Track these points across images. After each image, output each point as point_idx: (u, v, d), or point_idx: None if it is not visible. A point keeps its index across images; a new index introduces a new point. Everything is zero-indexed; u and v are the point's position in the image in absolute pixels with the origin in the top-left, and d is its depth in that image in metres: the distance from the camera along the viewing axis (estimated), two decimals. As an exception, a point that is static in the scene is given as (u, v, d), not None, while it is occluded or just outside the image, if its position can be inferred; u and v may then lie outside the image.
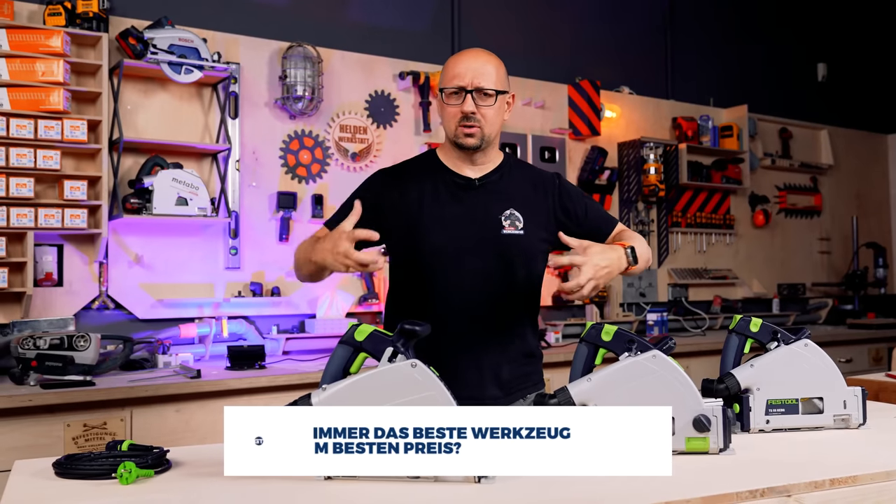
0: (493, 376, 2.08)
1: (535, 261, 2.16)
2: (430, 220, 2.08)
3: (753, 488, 1.37)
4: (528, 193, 2.17)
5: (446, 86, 2.08)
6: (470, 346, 2.05)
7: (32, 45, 3.37)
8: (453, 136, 2.10)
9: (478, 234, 2.08)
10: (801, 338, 1.88)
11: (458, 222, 2.09)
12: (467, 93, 2.05)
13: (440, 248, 2.07)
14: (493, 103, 2.07)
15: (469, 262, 2.07)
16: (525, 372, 2.16)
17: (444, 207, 2.10)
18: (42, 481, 1.47)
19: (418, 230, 2.08)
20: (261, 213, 4.05)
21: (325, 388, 1.48)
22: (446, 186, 2.13)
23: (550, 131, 5.02)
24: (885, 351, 5.49)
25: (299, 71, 4.04)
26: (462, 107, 2.05)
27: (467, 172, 2.14)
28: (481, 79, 2.05)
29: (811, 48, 6.69)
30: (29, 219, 3.28)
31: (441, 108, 2.13)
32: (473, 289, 2.05)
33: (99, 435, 2.92)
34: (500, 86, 2.09)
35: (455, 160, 2.15)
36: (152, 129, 3.77)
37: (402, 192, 2.12)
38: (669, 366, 1.63)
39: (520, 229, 2.10)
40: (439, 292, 2.06)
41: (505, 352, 2.10)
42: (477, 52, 2.13)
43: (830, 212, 6.55)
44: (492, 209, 2.11)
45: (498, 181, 2.15)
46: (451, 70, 2.08)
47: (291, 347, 3.95)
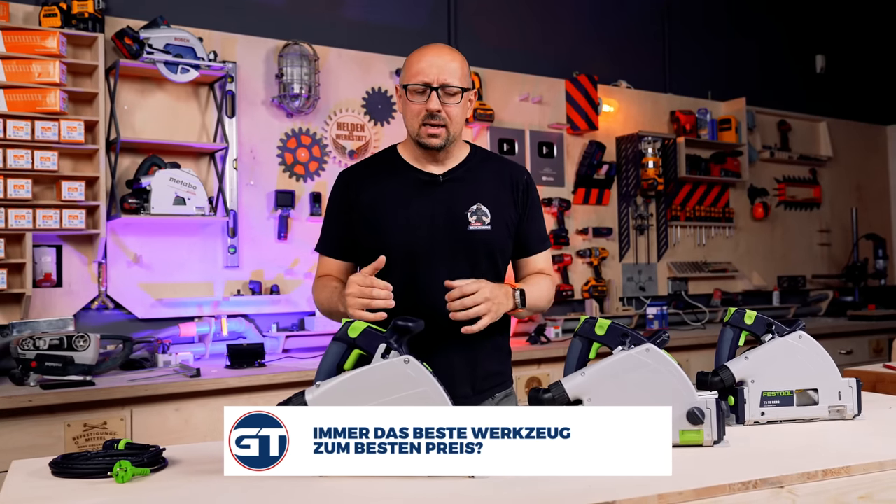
0: (464, 375, 2.03)
1: (503, 255, 2.13)
2: (394, 219, 2.04)
3: (746, 480, 1.38)
4: (495, 186, 2.11)
5: (410, 82, 2.01)
6: (439, 345, 1.97)
7: (28, 46, 3.37)
8: (416, 135, 2.04)
9: (444, 231, 2.04)
10: (795, 330, 1.88)
11: (423, 221, 2.04)
12: (433, 90, 1.99)
13: (406, 247, 2.02)
14: (458, 101, 2.02)
15: (436, 261, 2.02)
16: (496, 370, 2.13)
17: (409, 206, 2.05)
18: (38, 481, 1.48)
19: (383, 230, 2.04)
20: (259, 211, 4.05)
21: (318, 384, 1.49)
22: (410, 184, 2.08)
23: (548, 126, 5.02)
24: (886, 342, 5.49)
25: (296, 69, 4.04)
26: (427, 104, 2.00)
27: (431, 169, 2.09)
28: (447, 75, 1.99)
29: (809, 40, 6.68)
30: (27, 220, 3.29)
31: (404, 105, 2.07)
32: (441, 288, 1.95)
33: (99, 434, 2.93)
34: (465, 83, 2.03)
35: (418, 157, 2.10)
36: (149, 129, 3.78)
37: (366, 191, 2.08)
38: (663, 359, 1.64)
39: (486, 224, 2.06)
40: (407, 293, 1.97)
41: (475, 350, 2.04)
42: (440, 47, 2.07)
43: (830, 204, 6.55)
44: (457, 205, 2.06)
45: (463, 176, 2.10)
46: (414, 66, 2.02)
47: (291, 345, 3.95)
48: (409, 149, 2.13)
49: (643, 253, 5.40)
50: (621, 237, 5.31)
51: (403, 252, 2.02)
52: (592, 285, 5.03)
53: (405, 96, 2.04)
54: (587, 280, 5.06)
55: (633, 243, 5.35)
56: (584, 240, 5.14)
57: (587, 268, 5.12)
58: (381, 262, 1.89)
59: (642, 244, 5.40)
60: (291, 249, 4.10)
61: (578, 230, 5.11)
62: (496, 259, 2.10)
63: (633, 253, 5.35)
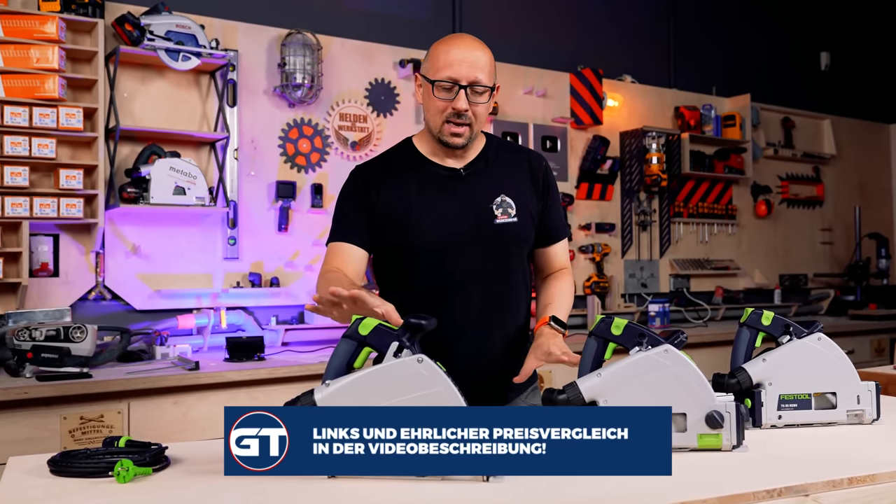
0: (503, 377, 1.98)
1: (529, 246, 2.09)
2: (419, 216, 1.96)
3: (770, 487, 1.34)
4: (516, 177, 2.05)
5: (438, 77, 1.91)
6: (472, 342, 1.96)
7: (27, 31, 3.31)
8: (438, 132, 1.95)
9: (471, 226, 1.97)
10: (813, 331, 1.84)
11: (449, 216, 1.97)
12: (461, 88, 1.90)
13: (435, 245, 1.95)
14: (486, 100, 1.94)
15: (465, 257, 1.96)
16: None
17: (434, 203, 1.98)
18: (37, 479, 1.43)
19: (410, 230, 1.96)
20: (260, 202, 3.99)
21: (328, 383, 1.44)
22: (431, 179, 2.00)
23: (552, 120, 4.96)
24: (888, 342, 5.47)
25: (298, 58, 3.98)
26: (454, 103, 1.91)
27: (450, 163, 2.02)
28: (477, 72, 1.90)
29: (814, 37, 6.64)
30: (24, 208, 3.24)
31: (426, 98, 1.96)
32: (472, 284, 1.94)
33: (96, 428, 2.87)
34: (493, 79, 1.96)
35: (436, 151, 2.02)
36: (149, 118, 3.72)
37: (387, 190, 1.99)
38: (682, 360, 1.59)
39: (513, 216, 2.00)
40: (435, 292, 1.95)
41: (506, 346, 2.02)
42: (470, 40, 1.96)
43: (833, 202, 6.51)
44: (482, 199, 1.99)
45: (484, 168, 2.03)
46: (442, 58, 1.91)
47: (290, 339, 3.90)
48: (425, 142, 2.05)
49: (645, 249, 5.35)
50: (624, 233, 5.27)
51: (432, 250, 1.96)
52: (594, 281, 4.98)
53: (430, 91, 1.93)
54: (589, 276, 5.01)
55: (636, 239, 5.31)
56: (586, 235, 5.09)
57: (589, 263, 5.08)
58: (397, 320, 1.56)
59: (645, 240, 5.35)
60: (292, 241, 4.05)
61: (581, 225, 5.06)
62: (523, 251, 2.06)
63: (635, 249, 5.30)
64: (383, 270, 2.08)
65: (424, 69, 1.97)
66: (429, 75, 1.94)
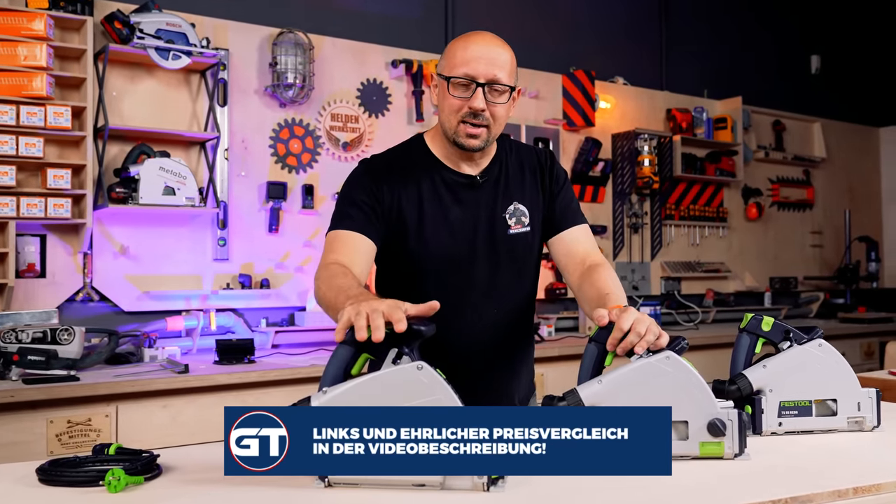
0: (512, 387, 1.97)
1: (539, 255, 2.04)
2: (432, 225, 1.88)
3: (775, 498, 1.31)
4: (525, 180, 1.97)
5: (453, 74, 1.80)
6: (480, 352, 1.92)
7: (14, 28, 3.26)
8: (453, 133, 1.84)
9: (486, 237, 1.91)
10: (814, 338, 1.82)
11: (464, 227, 1.89)
12: (479, 86, 1.79)
13: (446, 255, 1.88)
14: (505, 101, 1.83)
15: (478, 269, 1.91)
16: (532, 377, 2.10)
17: (450, 212, 1.89)
18: (24, 489, 1.39)
19: (420, 236, 1.88)
20: (250, 203, 3.96)
21: (325, 390, 1.41)
22: (446, 185, 1.90)
23: (544, 122, 4.95)
24: (877, 345, 5.48)
25: (290, 58, 3.94)
26: (471, 102, 1.79)
27: (465, 169, 1.92)
28: (496, 70, 1.79)
29: (805, 40, 6.66)
30: (10, 208, 3.20)
31: (441, 97, 1.85)
32: (484, 296, 1.88)
33: (83, 432, 2.83)
34: (514, 79, 1.84)
35: (451, 155, 1.92)
36: (139, 117, 3.67)
37: (397, 191, 1.88)
38: (684, 367, 1.57)
39: (526, 225, 1.94)
40: (446, 302, 1.83)
41: (515, 357, 2.00)
42: (490, 37, 1.84)
43: (823, 205, 6.53)
44: (496, 208, 1.92)
45: (498, 175, 1.95)
46: (458, 54, 1.80)
47: (281, 341, 3.86)
48: (439, 143, 1.94)
49: (637, 252, 5.34)
50: (615, 235, 5.25)
51: (444, 261, 1.90)
52: (586, 284, 4.96)
53: (446, 89, 1.83)
54: (581, 278, 4.99)
55: (628, 242, 5.30)
56: (578, 237, 5.07)
57: (581, 266, 5.05)
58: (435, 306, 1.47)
59: (636, 243, 5.34)
60: (282, 243, 4.01)
61: (573, 228, 5.04)
62: (537, 260, 2.02)
63: (626, 251, 5.29)
64: (387, 277, 2.00)
65: (440, 67, 1.87)
66: (444, 72, 1.84)
